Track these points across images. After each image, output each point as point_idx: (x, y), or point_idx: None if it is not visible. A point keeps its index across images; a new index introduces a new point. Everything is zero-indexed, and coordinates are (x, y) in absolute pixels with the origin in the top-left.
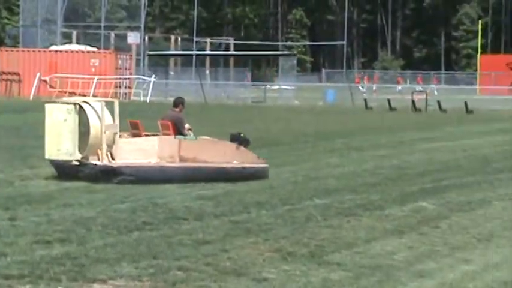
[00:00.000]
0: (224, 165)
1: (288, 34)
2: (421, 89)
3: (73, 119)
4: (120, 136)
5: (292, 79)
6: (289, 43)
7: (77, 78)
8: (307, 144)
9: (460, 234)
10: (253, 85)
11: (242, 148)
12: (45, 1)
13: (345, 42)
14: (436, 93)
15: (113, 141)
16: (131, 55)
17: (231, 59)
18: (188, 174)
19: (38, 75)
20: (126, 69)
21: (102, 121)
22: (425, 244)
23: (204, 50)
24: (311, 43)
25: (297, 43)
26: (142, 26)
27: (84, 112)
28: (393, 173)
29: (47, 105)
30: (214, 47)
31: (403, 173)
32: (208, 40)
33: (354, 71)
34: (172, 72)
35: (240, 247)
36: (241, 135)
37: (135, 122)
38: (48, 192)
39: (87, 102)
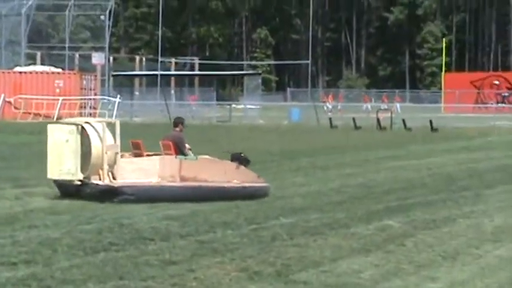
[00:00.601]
0: (224, 185)
1: (252, 53)
2: (386, 107)
3: (75, 140)
4: (121, 156)
5: (257, 98)
6: (254, 62)
7: (42, 99)
8: (272, 163)
9: (426, 252)
10: (218, 104)
11: (242, 167)
12: (9, 22)
13: (309, 61)
14: (399, 111)
15: (114, 161)
16: (96, 75)
17: (196, 79)
18: (188, 194)
19: (2, 96)
20: (91, 89)
21: (104, 141)
22: (391, 262)
23: (169, 70)
24: (276, 62)
25: (262, 62)
26: (106, 46)
27: (86, 133)
28: (359, 191)
29: (49, 126)
30: (179, 66)
31: (368, 192)
32: (173, 60)
33: (318, 89)
34: (137, 93)
35: (207, 267)
36: (242, 154)
37: (136, 142)
38: (13, 213)
39: (89, 123)
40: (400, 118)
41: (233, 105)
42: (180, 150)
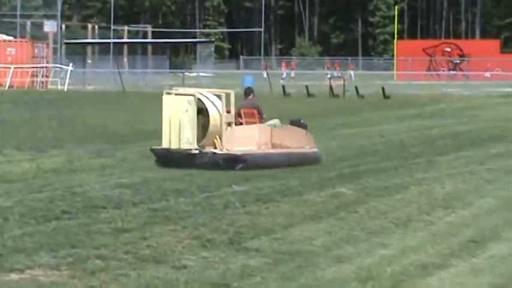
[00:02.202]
0: (305, 151)
1: (205, 21)
2: (339, 74)
3: (193, 110)
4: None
5: (210, 66)
6: (206, 30)
7: None
8: None
9: (378, 219)
10: (171, 72)
11: (308, 133)
12: None
13: (262, 29)
14: (353, 78)
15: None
16: (48, 44)
17: (149, 47)
18: (285, 160)
19: None
20: (43, 57)
21: (223, 111)
22: (343, 229)
23: (122, 38)
24: (228, 30)
25: (215, 30)
26: (58, 14)
27: (202, 103)
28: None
29: (165, 97)
30: (132, 34)
31: (321, 159)
32: (126, 28)
33: (271, 57)
34: (89, 61)
35: (159, 235)
36: (301, 121)
37: (238, 111)
38: None
39: (201, 93)
40: (353, 85)
41: (186, 73)
42: (261, 118)
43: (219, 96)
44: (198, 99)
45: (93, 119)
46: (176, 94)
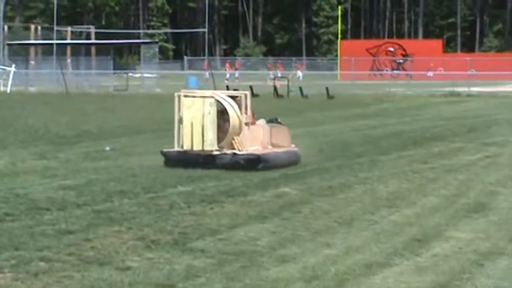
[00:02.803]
0: (296, 149)
1: (149, 22)
2: (283, 75)
3: (214, 112)
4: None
5: (154, 67)
6: (150, 31)
7: None
8: (170, 132)
9: (322, 218)
10: (115, 73)
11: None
12: None
13: (206, 30)
14: (301, 78)
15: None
16: None
17: (93, 48)
18: (287, 158)
19: None
20: None
21: (243, 112)
22: (287, 229)
23: (65, 39)
24: (173, 31)
25: (159, 31)
26: (1, 15)
27: (221, 104)
28: None
29: (186, 99)
30: (75, 35)
31: None
32: (69, 29)
33: (216, 58)
34: (32, 62)
35: (103, 236)
36: (278, 120)
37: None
38: None
39: (217, 95)
40: (297, 86)
41: (130, 74)
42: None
43: (233, 98)
44: (217, 100)
45: (36, 121)
46: (196, 96)
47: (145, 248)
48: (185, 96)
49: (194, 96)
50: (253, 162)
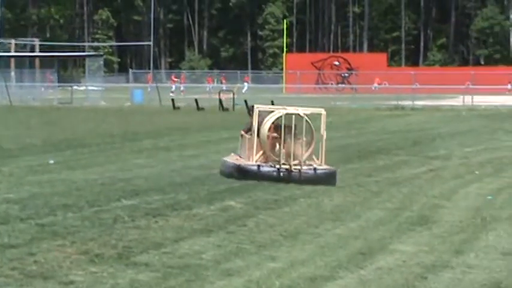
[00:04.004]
0: None
1: (94, 35)
2: (225, 88)
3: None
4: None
5: (99, 80)
6: (95, 44)
7: None
8: (114, 145)
9: (267, 232)
10: (60, 86)
11: None
12: None
13: (151, 43)
14: (244, 91)
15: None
16: None
17: (37, 60)
18: None
19: None
20: None
21: (323, 129)
22: (232, 242)
23: (9, 52)
24: (118, 44)
25: (104, 44)
26: None
27: (306, 121)
28: (201, 172)
29: (291, 116)
30: (19, 48)
31: (210, 173)
32: (13, 41)
33: (161, 71)
34: None
35: (47, 250)
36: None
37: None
38: None
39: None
40: (243, 99)
41: (75, 87)
42: None
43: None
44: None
45: None
46: (289, 113)
47: (89, 262)
48: (267, 111)
49: (286, 113)
50: (332, 177)
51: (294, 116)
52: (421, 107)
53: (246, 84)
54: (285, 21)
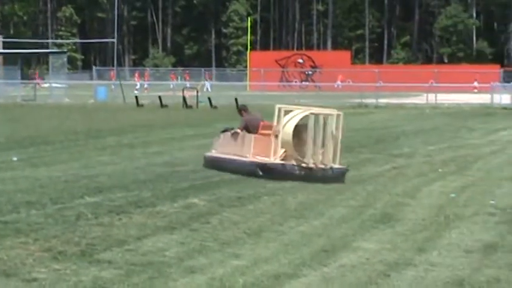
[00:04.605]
0: None
1: (58, 32)
2: (189, 85)
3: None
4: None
5: (63, 77)
6: (59, 41)
7: None
8: (78, 142)
9: (230, 229)
10: (23, 83)
11: None
12: None
13: (115, 40)
14: (209, 89)
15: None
16: None
17: (0, 57)
18: None
19: None
20: None
21: (339, 130)
22: (196, 240)
23: None
24: (81, 41)
25: (67, 41)
26: None
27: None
28: (164, 169)
29: (317, 116)
30: None
31: (174, 170)
32: None
33: (125, 68)
34: None
35: (10, 247)
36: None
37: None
38: None
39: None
40: (206, 96)
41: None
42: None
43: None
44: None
45: None
46: (321, 114)
47: (52, 260)
48: (311, 113)
49: (317, 114)
50: (343, 175)
51: (321, 116)
52: (385, 105)
53: (207, 82)
54: (249, 19)
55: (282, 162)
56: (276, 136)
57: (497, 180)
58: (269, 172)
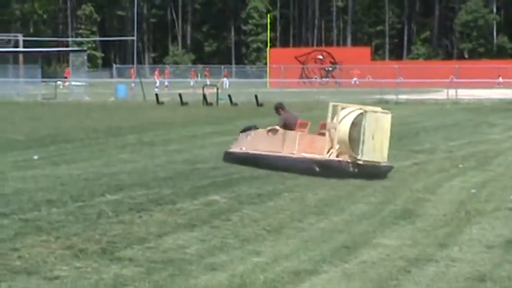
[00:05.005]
0: None
1: (77, 30)
2: (209, 82)
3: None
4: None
5: (83, 75)
6: (79, 39)
7: None
8: (98, 140)
9: (251, 226)
10: (44, 82)
11: None
12: None
13: (135, 38)
14: (227, 86)
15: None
16: None
17: (21, 56)
18: None
19: None
20: None
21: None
22: (216, 237)
23: None
24: (101, 39)
25: (87, 39)
26: None
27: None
28: (185, 167)
29: (369, 114)
30: (2, 43)
31: (194, 167)
32: None
33: (145, 66)
34: None
35: (31, 245)
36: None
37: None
38: None
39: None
40: (227, 94)
41: (59, 82)
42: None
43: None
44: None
45: None
46: (377, 112)
47: (73, 257)
48: (371, 112)
49: (375, 112)
50: (388, 172)
51: (375, 115)
52: (405, 101)
53: (225, 79)
54: (268, 15)
55: (339, 159)
56: (330, 133)
57: None
58: (327, 169)
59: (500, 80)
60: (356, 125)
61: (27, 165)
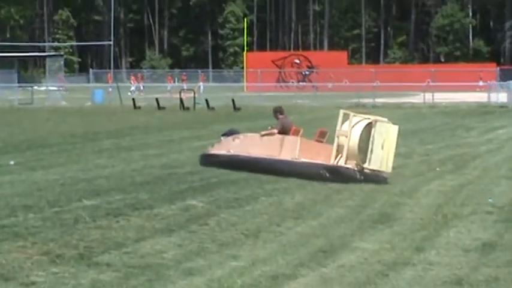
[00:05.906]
0: None
1: (54, 35)
2: (186, 87)
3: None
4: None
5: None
6: (56, 44)
7: None
8: (75, 145)
9: (228, 230)
10: (20, 87)
11: None
12: None
13: (112, 42)
14: (201, 91)
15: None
16: None
17: None
18: None
19: None
20: None
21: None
22: (194, 242)
23: None
24: (78, 43)
25: (64, 44)
26: None
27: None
28: (162, 171)
29: (380, 124)
30: None
31: (172, 172)
32: None
33: (122, 70)
34: None
35: (8, 251)
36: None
37: (324, 131)
38: None
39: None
40: (203, 98)
41: (35, 88)
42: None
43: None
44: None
45: None
46: (386, 122)
47: (50, 263)
48: (379, 122)
49: (381, 122)
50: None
51: (383, 125)
52: (382, 105)
53: (201, 83)
54: (245, 19)
55: (348, 166)
56: (339, 140)
57: (495, 178)
58: (336, 174)
59: (481, 83)
60: (363, 134)
61: (4, 170)
